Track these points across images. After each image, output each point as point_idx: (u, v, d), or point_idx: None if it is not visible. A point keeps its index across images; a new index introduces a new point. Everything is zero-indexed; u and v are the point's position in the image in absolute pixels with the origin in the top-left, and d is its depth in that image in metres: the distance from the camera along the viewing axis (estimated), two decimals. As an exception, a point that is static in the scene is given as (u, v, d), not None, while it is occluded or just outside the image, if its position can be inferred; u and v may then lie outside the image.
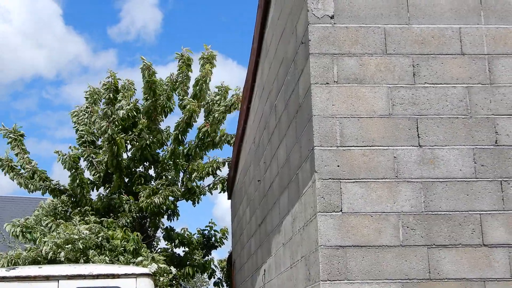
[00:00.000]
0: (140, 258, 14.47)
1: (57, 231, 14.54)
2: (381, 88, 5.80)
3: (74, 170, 16.20)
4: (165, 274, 14.27)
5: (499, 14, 5.98)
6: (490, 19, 5.97)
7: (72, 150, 16.52)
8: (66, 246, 13.92)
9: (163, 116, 17.03)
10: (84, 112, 17.09)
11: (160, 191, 16.21)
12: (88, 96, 17.28)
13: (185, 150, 17.34)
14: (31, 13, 74.10)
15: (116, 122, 16.04)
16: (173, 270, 15.06)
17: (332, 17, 5.90)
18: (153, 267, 14.05)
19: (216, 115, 16.83)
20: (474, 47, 5.92)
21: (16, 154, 16.15)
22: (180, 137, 16.82)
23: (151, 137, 16.57)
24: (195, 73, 16.89)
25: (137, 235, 15.00)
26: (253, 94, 10.56)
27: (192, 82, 16.90)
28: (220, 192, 17.87)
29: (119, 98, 16.59)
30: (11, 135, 16.13)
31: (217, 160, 17.35)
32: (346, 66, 5.83)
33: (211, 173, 17.34)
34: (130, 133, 17.05)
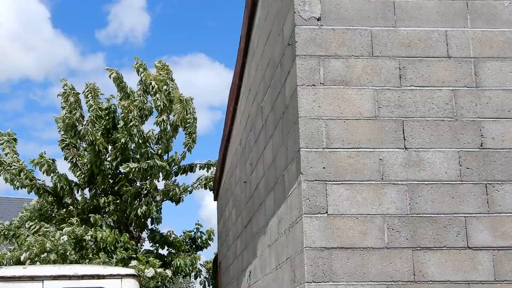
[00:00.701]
0: (134, 262, 14.45)
1: (34, 239, 14.51)
2: (368, 90, 5.81)
3: (53, 174, 16.26)
4: (159, 278, 14.24)
5: (485, 18, 6.01)
6: (477, 23, 5.99)
7: (43, 156, 16.46)
8: (42, 256, 13.92)
9: (143, 118, 17.05)
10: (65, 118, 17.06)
11: (142, 200, 16.31)
12: (63, 104, 17.20)
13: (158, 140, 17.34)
14: (19, 16, 73.78)
15: (92, 122, 16.19)
16: (169, 273, 15.06)
17: (319, 19, 5.90)
18: (151, 271, 14.01)
19: (159, 103, 16.83)
20: (460, 50, 5.94)
21: (6, 154, 16.15)
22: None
23: (127, 138, 16.48)
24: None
25: (127, 237, 15.08)
26: (239, 96, 10.56)
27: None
28: (205, 189, 17.88)
29: (89, 102, 16.70)
30: (4, 137, 16.20)
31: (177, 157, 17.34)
32: (333, 68, 5.83)
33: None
34: (110, 135, 17.01)
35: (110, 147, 17.01)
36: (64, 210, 16.61)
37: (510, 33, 5.98)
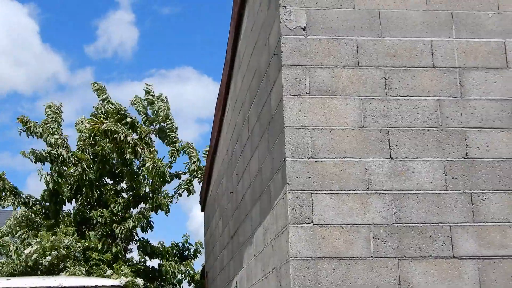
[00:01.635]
0: (109, 272, 14.46)
1: (41, 237, 14.50)
2: (353, 100, 5.82)
3: (56, 190, 16.19)
4: (134, 287, 14.24)
5: (470, 28, 6.04)
6: (461, 33, 6.02)
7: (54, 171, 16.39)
8: (53, 252, 13.90)
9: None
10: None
11: (132, 216, 16.34)
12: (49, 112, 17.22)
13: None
14: (8, 30, 73.49)
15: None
16: (140, 281, 15.04)
17: (304, 29, 5.91)
18: (123, 280, 14.02)
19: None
20: (445, 60, 5.96)
21: None
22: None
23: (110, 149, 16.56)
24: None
25: (117, 247, 15.11)
26: (226, 106, 10.55)
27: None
28: (188, 196, 17.94)
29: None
30: None
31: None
32: (318, 78, 5.83)
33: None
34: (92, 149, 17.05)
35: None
36: (53, 221, 16.55)
37: (494, 43, 6.02)
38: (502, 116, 5.88)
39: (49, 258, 13.83)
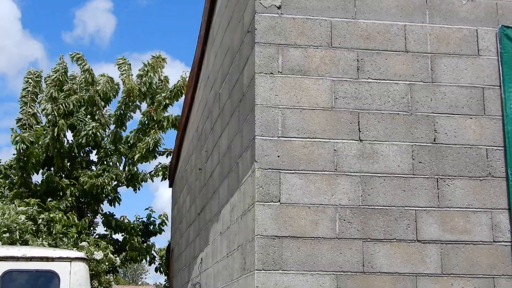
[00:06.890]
0: (84, 243, 14.34)
1: None
2: (325, 81, 5.82)
3: (26, 148, 16.04)
4: (107, 263, 14.18)
5: (443, 14, 6.06)
6: (435, 18, 6.04)
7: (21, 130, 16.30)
8: (4, 235, 13.70)
9: (106, 103, 17.24)
10: (27, 92, 16.87)
11: (105, 174, 16.29)
12: (28, 78, 17.02)
13: (127, 139, 17.50)
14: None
15: (61, 106, 16.11)
16: (118, 260, 15.00)
17: (279, 7, 5.89)
18: (100, 254, 13.92)
19: (160, 98, 17.19)
20: (418, 45, 5.98)
21: None
22: (121, 118, 17.06)
23: (95, 124, 16.59)
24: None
25: (83, 220, 15.03)
26: (198, 83, 10.51)
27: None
28: (162, 180, 17.95)
29: (65, 88, 16.72)
30: None
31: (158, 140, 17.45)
32: (291, 57, 5.82)
33: (151, 148, 17.33)
34: (71, 118, 16.94)
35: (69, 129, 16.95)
36: (16, 190, 16.42)
37: (466, 30, 6.05)
38: (471, 103, 5.93)
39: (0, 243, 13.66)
